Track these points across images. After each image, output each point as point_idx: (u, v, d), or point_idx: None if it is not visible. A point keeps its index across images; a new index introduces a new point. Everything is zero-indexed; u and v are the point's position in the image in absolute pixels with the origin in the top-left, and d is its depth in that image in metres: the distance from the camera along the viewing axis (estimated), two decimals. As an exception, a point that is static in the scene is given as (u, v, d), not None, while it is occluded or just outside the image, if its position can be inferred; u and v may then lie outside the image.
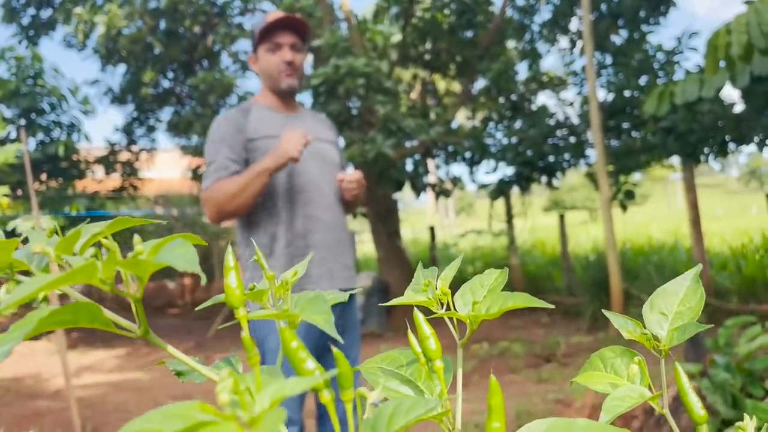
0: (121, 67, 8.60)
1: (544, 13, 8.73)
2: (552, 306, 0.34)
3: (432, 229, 9.93)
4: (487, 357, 5.44)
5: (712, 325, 0.37)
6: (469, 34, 7.97)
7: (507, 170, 7.97)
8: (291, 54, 2.02)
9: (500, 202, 8.60)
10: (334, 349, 0.26)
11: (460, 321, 0.37)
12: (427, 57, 8.35)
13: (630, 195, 7.26)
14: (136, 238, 0.25)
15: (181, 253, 0.25)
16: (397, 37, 7.93)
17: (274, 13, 2.04)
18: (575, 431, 0.27)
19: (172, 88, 8.82)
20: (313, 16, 6.68)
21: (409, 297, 0.38)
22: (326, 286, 1.87)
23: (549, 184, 7.94)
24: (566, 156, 7.65)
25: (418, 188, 7.75)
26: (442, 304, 0.37)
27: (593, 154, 7.44)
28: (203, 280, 0.24)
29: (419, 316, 0.34)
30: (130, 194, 9.35)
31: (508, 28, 8.08)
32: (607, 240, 5.51)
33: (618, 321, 0.41)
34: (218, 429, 0.17)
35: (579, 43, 7.92)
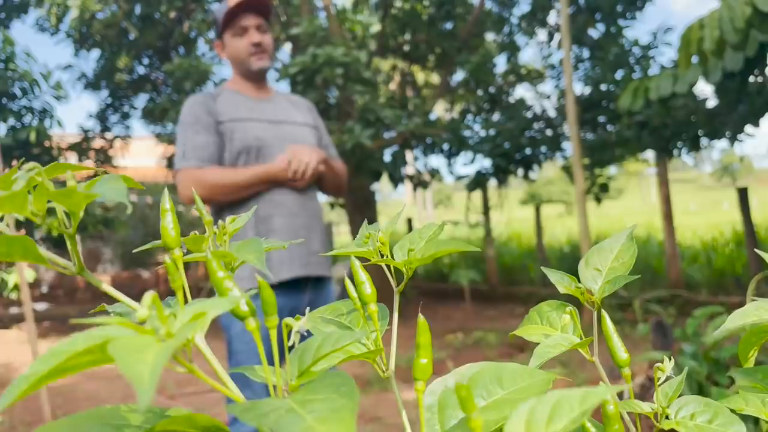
0: (95, 52, 8.45)
1: (523, 6, 8.79)
2: (478, 249, 0.35)
3: (410, 220, 9.97)
4: (462, 347, 5.49)
5: (639, 275, 0.38)
6: (448, 25, 7.98)
7: (484, 162, 8.02)
8: (258, 35, 2.01)
9: (478, 195, 8.66)
10: (258, 278, 0.26)
11: (399, 271, 0.38)
12: (406, 48, 8.34)
13: (604, 188, 7.36)
14: (69, 173, 0.26)
15: (111, 187, 0.25)
16: (376, 27, 7.91)
17: None
18: (504, 373, 0.28)
19: (148, 74, 8.70)
20: (291, 4, 6.63)
21: (350, 248, 0.39)
22: (286, 273, 1.84)
23: (526, 177, 8.01)
24: (543, 149, 7.73)
25: (396, 179, 7.77)
26: (382, 255, 0.38)
27: (570, 147, 7.52)
28: (128, 210, 0.24)
29: (355, 263, 0.35)
30: (104, 182, 9.20)
31: (487, 21, 8.11)
32: (581, 232, 5.58)
33: (555, 276, 0.43)
34: (132, 341, 0.18)
35: (557, 37, 7.99)
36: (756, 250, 0.44)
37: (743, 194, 6.04)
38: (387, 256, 0.38)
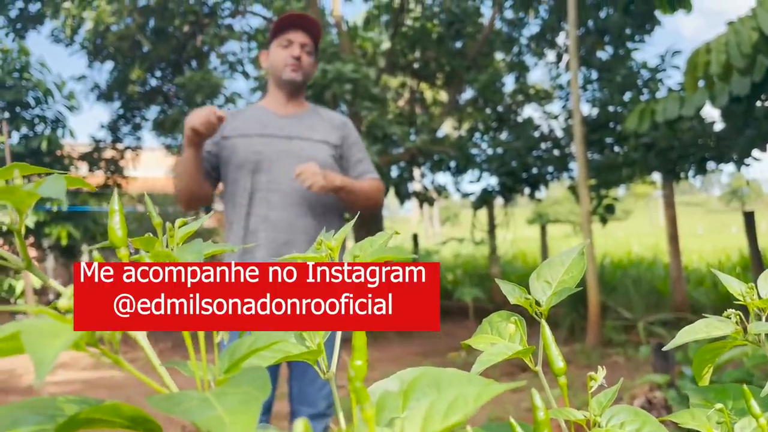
0: (109, 64, 8.57)
1: (533, 27, 8.85)
2: (414, 256, 0.36)
3: (415, 236, 9.97)
4: (464, 364, 5.41)
5: (581, 288, 0.39)
6: (457, 44, 8.05)
7: (491, 180, 8.04)
8: (300, 51, 2.05)
9: (484, 213, 8.66)
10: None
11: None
12: (415, 65, 8.41)
13: (610, 209, 7.34)
14: (15, 172, 0.27)
15: (52, 186, 0.26)
16: (386, 45, 7.99)
17: (291, 12, 2.11)
18: (443, 379, 0.29)
19: (160, 86, 8.80)
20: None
21: (305, 255, 0.40)
22: None
23: (532, 196, 8.01)
24: (550, 168, 7.74)
25: (403, 195, 7.79)
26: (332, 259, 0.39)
27: (576, 167, 7.53)
28: (64, 206, 0.25)
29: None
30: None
31: (496, 40, 8.17)
32: (586, 253, 5.57)
33: (506, 288, 0.43)
34: (45, 328, 0.19)
35: (565, 58, 8.03)
36: (714, 270, 0.45)
37: (749, 218, 6.01)
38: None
